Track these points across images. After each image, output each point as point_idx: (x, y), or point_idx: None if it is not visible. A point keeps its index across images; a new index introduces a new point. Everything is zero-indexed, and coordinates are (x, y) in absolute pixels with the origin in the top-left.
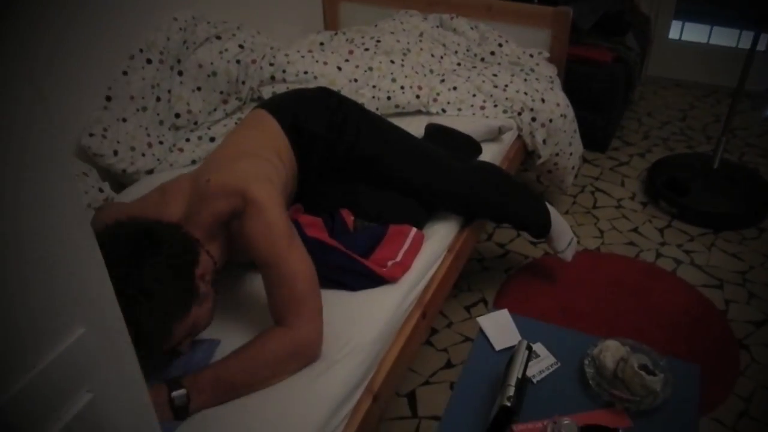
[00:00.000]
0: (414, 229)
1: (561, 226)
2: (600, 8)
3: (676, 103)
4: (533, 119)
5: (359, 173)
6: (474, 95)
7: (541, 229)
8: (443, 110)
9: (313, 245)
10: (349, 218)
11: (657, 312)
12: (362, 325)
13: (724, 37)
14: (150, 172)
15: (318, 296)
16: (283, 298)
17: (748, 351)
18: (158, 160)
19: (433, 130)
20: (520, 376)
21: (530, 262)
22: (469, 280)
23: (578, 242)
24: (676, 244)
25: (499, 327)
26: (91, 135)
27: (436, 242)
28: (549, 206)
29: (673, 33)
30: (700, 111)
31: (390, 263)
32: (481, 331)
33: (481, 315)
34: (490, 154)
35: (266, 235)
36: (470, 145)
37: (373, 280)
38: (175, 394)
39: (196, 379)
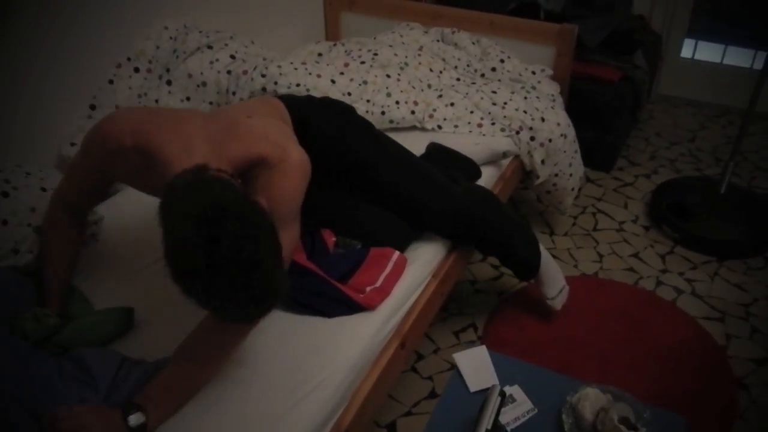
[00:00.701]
0: (396, 253)
1: (553, 271)
2: (608, 26)
3: (686, 123)
4: (532, 138)
5: (351, 181)
6: (471, 112)
7: (527, 269)
8: (439, 126)
9: (289, 267)
10: (330, 239)
11: (653, 345)
12: (333, 355)
13: (738, 57)
14: None
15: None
16: None
17: (748, 391)
18: None
19: (433, 149)
20: (489, 428)
21: (524, 286)
22: (459, 303)
23: (576, 266)
24: (677, 272)
25: (475, 365)
26: (72, 144)
27: (420, 266)
28: (543, 249)
29: (686, 51)
30: (711, 132)
31: (369, 289)
32: (457, 369)
33: (470, 343)
34: (486, 173)
35: (288, 198)
36: (470, 168)
37: (350, 306)
38: (131, 417)
39: (147, 394)
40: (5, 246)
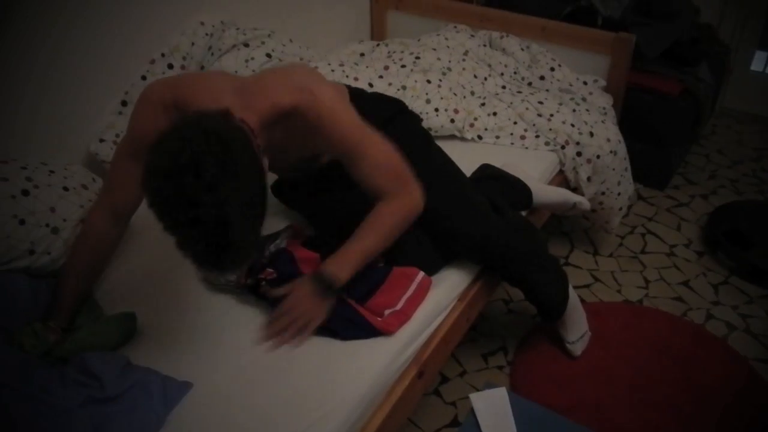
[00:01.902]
0: (421, 273)
1: (578, 314)
2: (671, 35)
3: (751, 140)
4: (578, 154)
5: None
6: (515, 123)
7: (553, 311)
8: (479, 137)
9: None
10: None
11: (698, 386)
12: (342, 383)
13: None
14: None
15: (406, 164)
16: (384, 179)
17: None
18: None
19: (486, 173)
20: None
21: None
22: (491, 323)
23: (619, 291)
24: (731, 305)
25: (493, 411)
26: (101, 141)
27: (446, 289)
28: (571, 291)
29: (757, 64)
30: None
31: (387, 312)
32: (473, 412)
33: (499, 369)
34: None
35: (342, 134)
36: (521, 195)
37: (366, 330)
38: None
39: (343, 260)
40: (21, 246)
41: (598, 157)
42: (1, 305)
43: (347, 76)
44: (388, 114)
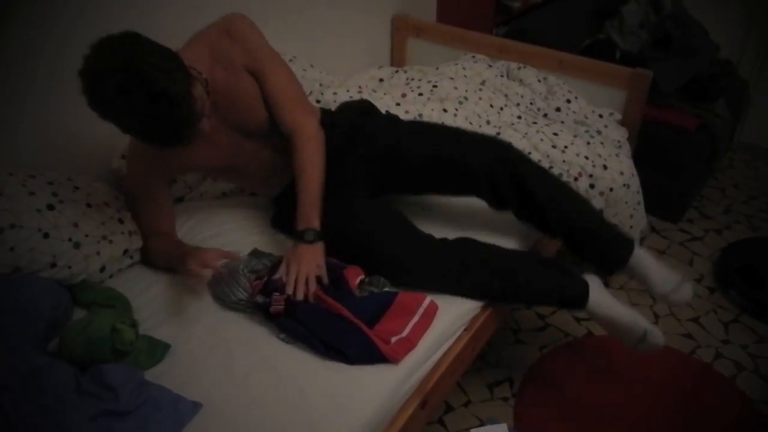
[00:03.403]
0: (428, 299)
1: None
2: (689, 71)
3: None
4: (591, 186)
5: (388, 174)
6: (529, 153)
7: (609, 250)
8: None
9: (314, 304)
10: (355, 280)
11: (704, 425)
12: (347, 409)
13: None
14: (180, 199)
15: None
16: (290, 102)
17: None
18: (189, 187)
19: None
20: None
21: (569, 341)
22: (498, 353)
23: None
24: (740, 344)
25: None
26: (122, 157)
27: (452, 319)
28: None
29: None
30: None
31: (394, 339)
32: None
33: (504, 401)
34: None
35: (254, 45)
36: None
37: (373, 354)
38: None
39: (307, 212)
40: (43, 259)
41: (611, 189)
42: (22, 307)
43: None
44: (360, 111)
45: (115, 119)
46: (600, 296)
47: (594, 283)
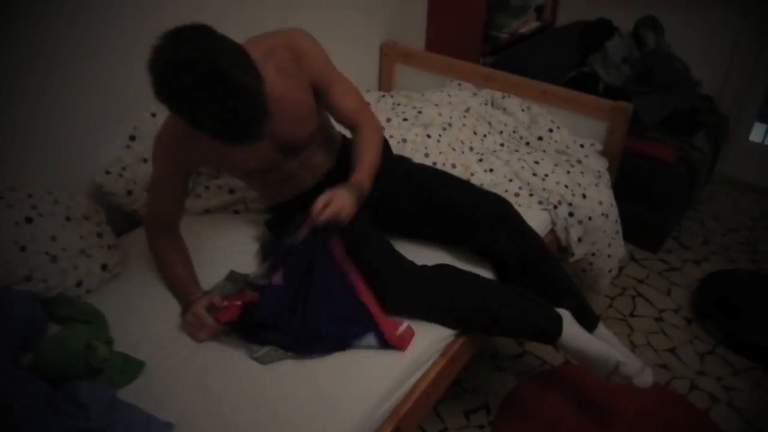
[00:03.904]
0: (405, 323)
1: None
2: (670, 105)
3: (747, 209)
4: (570, 214)
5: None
6: (510, 180)
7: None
8: None
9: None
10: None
11: None
12: None
13: None
14: None
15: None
16: (357, 102)
17: None
18: None
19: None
20: None
21: (547, 369)
22: (475, 379)
23: None
24: (716, 376)
25: None
26: (107, 173)
27: (427, 343)
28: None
29: (756, 135)
30: None
31: (400, 329)
32: None
33: (479, 428)
34: None
35: (316, 58)
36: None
37: (375, 335)
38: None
39: (362, 173)
40: (19, 272)
41: (589, 218)
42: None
43: None
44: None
45: (189, 112)
46: (572, 330)
47: (566, 316)
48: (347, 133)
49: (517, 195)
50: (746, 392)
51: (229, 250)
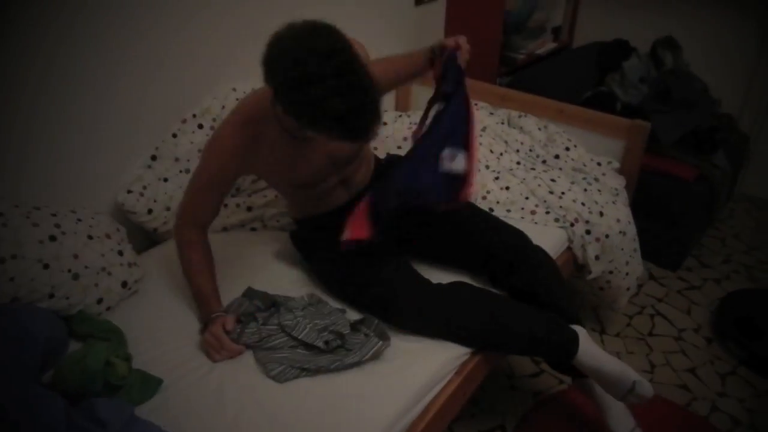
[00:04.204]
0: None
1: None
2: (688, 123)
3: None
4: (587, 232)
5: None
6: (527, 198)
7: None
8: (491, 209)
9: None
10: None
11: None
12: None
13: None
14: None
15: None
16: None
17: None
18: None
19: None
20: None
21: (563, 389)
22: (491, 399)
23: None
24: (737, 397)
25: None
26: (129, 192)
27: (442, 361)
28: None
29: None
30: None
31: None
32: None
33: None
34: None
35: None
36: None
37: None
38: None
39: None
40: (42, 289)
41: (607, 236)
42: (18, 337)
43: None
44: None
45: (318, 100)
46: (588, 347)
47: (581, 333)
48: (380, 155)
49: (533, 213)
50: None
51: (247, 268)
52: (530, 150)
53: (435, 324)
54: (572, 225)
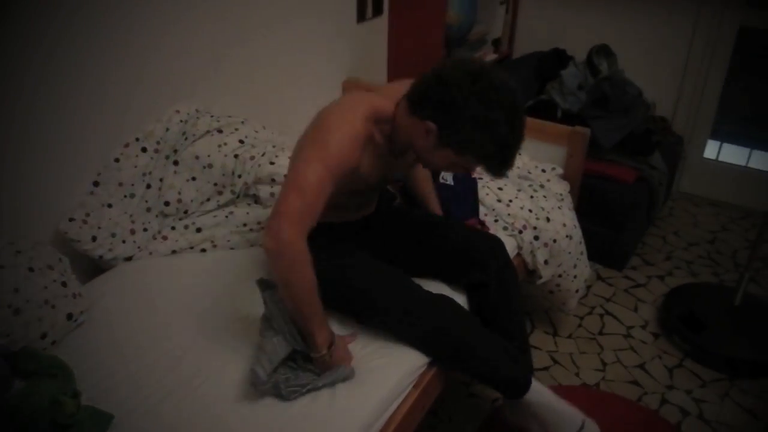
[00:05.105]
0: None
1: (558, 411)
2: (626, 128)
3: (706, 223)
4: (536, 238)
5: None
6: None
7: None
8: None
9: None
10: None
11: None
12: None
13: (764, 161)
14: (128, 259)
15: None
16: None
17: None
18: (138, 247)
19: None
20: None
21: None
22: (451, 409)
23: (577, 374)
24: (685, 389)
25: None
26: (71, 220)
27: (400, 375)
28: (541, 388)
29: (710, 152)
30: (732, 234)
31: None
32: None
33: None
34: None
35: None
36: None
37: None
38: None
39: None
40: None
41: (554, 241)
42: None
43: None
44: None
45: (491, 127)
46: (541, 386)
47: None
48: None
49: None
50: (715, 404)
51: (222, 288)
52: None
53: (417, 328)
54: (521, 232)
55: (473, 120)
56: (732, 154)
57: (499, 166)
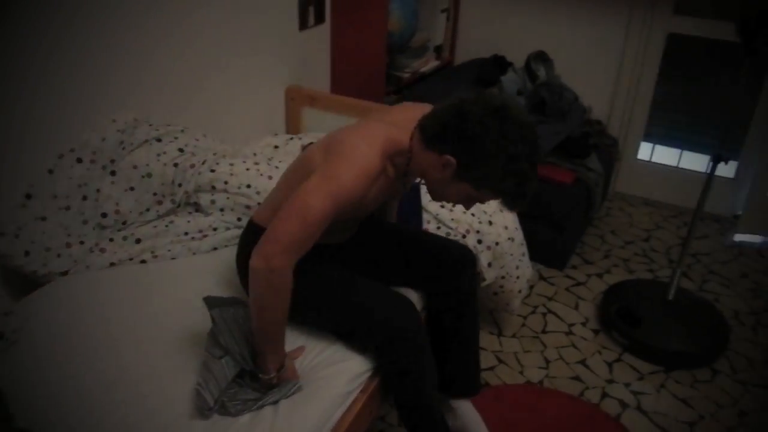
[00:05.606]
0: None
1: None
2: (563, 132)
3: (641, 222)
4: (479, 242)
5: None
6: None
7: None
8: None
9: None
10: None
11: None
12: None
13: (694, 161)
14: (64, 273)
15: None
16: None
17: None
18: (75, 261)
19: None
20: None
21: None
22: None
23: (522, 372)
24: (623, 382)
25: None
26: (1, 234)
27: (345, 381)
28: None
29: (643, 154)
30: (666, 232)
31: None
32: None
33: None
34: None
35: None
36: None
37: None
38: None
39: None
40: None
41: (497, 244)
42: None
43: (261, 175)
44: None
45: (514, 162)
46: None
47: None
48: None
49: (425, 229)
50: (652, 395)
51: (171, 301)
52: None
53: (372, 317)
54: (464, 236)
55: (495, 155)
56: (664, 155)
57: (517, 199)
